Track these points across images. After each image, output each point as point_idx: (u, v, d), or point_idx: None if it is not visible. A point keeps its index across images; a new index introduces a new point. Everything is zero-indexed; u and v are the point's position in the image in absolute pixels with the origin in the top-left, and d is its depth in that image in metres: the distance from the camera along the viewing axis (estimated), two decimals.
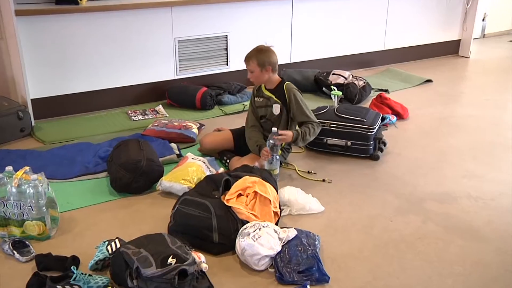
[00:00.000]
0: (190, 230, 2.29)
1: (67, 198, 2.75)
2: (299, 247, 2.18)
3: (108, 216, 2.61)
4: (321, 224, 2.54)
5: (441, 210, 2.68)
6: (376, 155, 3.25)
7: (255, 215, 2.35)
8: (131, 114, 4.00)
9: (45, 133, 3.62)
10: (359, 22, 5.17)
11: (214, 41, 4.43)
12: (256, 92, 3.11)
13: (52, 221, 2.42)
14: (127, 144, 2.96)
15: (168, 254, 1.93)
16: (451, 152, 3.40)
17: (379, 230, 2.49)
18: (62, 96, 3.92)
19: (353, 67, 5.25)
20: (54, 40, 3.76)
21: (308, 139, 2.96)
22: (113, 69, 4.05)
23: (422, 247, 2.35)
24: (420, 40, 5.68)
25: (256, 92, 3.11)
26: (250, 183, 2.44)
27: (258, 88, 3.12)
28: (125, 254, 1.97)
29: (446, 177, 3.05)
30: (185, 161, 2.95)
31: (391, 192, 2.86)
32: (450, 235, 2.45)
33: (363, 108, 3.52)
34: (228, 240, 2.27)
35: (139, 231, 2.38)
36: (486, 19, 6.70)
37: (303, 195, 2.69)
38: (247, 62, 2.97)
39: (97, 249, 2.17)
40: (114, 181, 2.78)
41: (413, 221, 2.57)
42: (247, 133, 3.10)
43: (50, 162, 3.13)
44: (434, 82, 4.93)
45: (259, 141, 2.99)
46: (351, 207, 2.70)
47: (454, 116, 4.08)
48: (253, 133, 3.07)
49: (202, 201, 2.33)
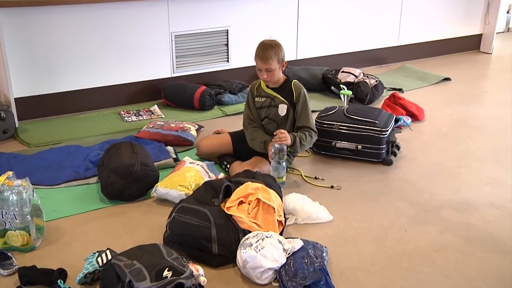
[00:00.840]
0: (188, 241, 2.29)
1: (53, 205, 2.76)
2: (306, 259, 2.18)
3: (99, 225, 2.61)
4: (329, 234, 2.54)
5: (460, 219, 2.67)
6: (389, 160, 3.25)
7: (257, 224, 2.35)
8: (124, 115, 4.01)
9: (30, 135, 3.63)
10: (371, 15, 5.18)
11: (213, 36, 4.44)
12: (256, 92, 3.08)
13: (37, 230, 2.42)
14: (119, 147, 2.97)
15: (163, 266, 1.93)
16: (471, 157, 3.39)
17: (392, 241, 2.49)
18: (48, 95, 3.93)
19: (364, 64, 5.25)
20: (39, 34, 3.77)
21: (303, 147, 2.97)
22: (104, 66, 4.06)
23: (439, 261, 2.35)
24: (437, 35, 5.69)
25: (256, 92, 3.08)
26: (252, 190, 2.44)
27: (257, 87, 3.08)
28: (116, 266, 1.97)
29: (466, 183, 3.05)
30: (182, 165, 2.96)
31: (406, 200, 2.86)
32: (471, 247, 2.44)
33: (375, 108, 3.52)
34: (229, 251, 2.27)
35: (132, 242, 2.38)
36: (511, 11, 6.69)
37: (310, 202, 2.69)
38: (266, 62, 2.88)
39: (86, 261, 2.18)
40: (105, 187, 2.79)
41: (429, 232, 2.56)
42: (249, 135, 3.08)
43: (36, 167, 3.14)
44: (452, 81, 4.93)
45: (264, 138, 2.97)
46: (361, 216, 2.70)
47: (474, 117, 4.08)
48: (255, 133, 3.05)
49: (200, 209, 2.34)
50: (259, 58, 2.91)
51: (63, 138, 3.60)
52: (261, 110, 3.05)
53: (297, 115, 3.00)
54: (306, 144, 2.97)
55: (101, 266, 2.11)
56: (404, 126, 3.81)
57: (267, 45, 2.92)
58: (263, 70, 2.92)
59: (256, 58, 2.94)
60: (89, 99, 4.08)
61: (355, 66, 4.69)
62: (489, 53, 5.90)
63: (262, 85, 3.06)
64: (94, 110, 4.11)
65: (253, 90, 3.09)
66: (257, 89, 3.08)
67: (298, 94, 2.99)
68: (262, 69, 2.92)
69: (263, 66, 2.91)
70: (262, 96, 3.05)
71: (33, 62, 3.81)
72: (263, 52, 2.89)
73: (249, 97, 3.11)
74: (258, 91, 3.07)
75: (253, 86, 3.11)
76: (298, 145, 2.93)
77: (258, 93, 3.07)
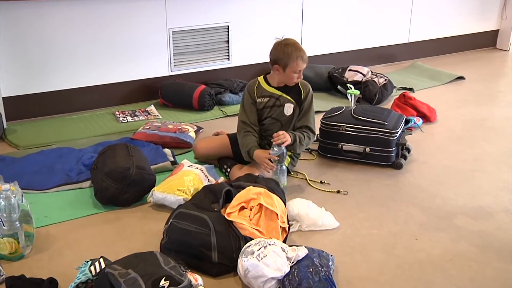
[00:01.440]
0: (186, 248, 2.30)
1: (44, 211, 2.76)
2: (310, 268, 2.19)
3: (92, 232, 2.61)
4: (336, 242, 2.54)
5: (475, 227, 2.67)
6: (398, 163, 3.25)
7: (260, 231, 2.36)
8: (118, 115, 4.02)
9: (19, 137, 3.64)
10: (380, 9, 5.19)
11: (213, 32, 4.45)
12: (257, 93, 3.02)
13: (26, 237, 2.42)
14: (114, 149, 2.97)
15: (160, 275, 1.93)
16: (486, 160, 3.39)
17: (402, 249, 2.49)
18: (39, 94, 3.94)
19: (372, 62, 5.26)
20: (30, 31, 3.79)
21: (302, 147, 2.97)
22: (98, 64, 4.08)
23: (453, 270, 2.34)
24: (450, 31, 5.69)
25: (257, 93, 3.02)
26: (254, 195, 2.45)
27: (257, 87, 3.02)
28: (110, 275, 1.97)
29: (481, 188, 3.05)
30: (180, 169, 2.97)
31: (416, 206, 2.86)
32: (486, 256, 2.44)
33: (384, 109, 3.53)
34: (229, 259, 2.28)
35: (127, 249, 2.38)
36: None
37: (315, 208, 2.69)
38: (305, 62, 2.88)
39: (78, 270, 2.18)
40: (99, 192, 2.80)
41: (442, 240, 2.56)
42: (239, 141, 3.02)
43: (25, 170, 3.14)
44: (466, 79, 4.93)
45: (248, 146, 2.93)
46: (370, 222, 2.71)
47: (490, 118, 4.08)
48: (244, 139, 2.98)
49: (199, 215, 2.34)
50: (301, 60, 2.87)
51: (54, 140, 3.60)
52: (263, 110, 3.04)
53: (300, 114, 3.00)
54: (304, 145, 2.98)
55: (94, 275, 2.11)
56: (415, 127, 3.81)
57: (299, 44, 2.90)
58: (298, 72, 2.91)
59: (296, 61, 2.86)
60: (82, 98, 4.09)
61: (363, 64, 4.70)
62: (506, 50, 5.90)
63: (262, 84, 3.03)
64: (87, 110, 4.12)
65: (253, 92, 3.02)
66: (258, 89, 3.03)
67: (307, 93, 2.99)
68: (300, 71, 2.91)
69: (303, 67, 2.90)
70: (265, 96, 3.03)
71: (23, 59, 3.82)
72: (303, 53, 2.88)
73: (247, 99, 3.03)
74: (259, 92, 3.02)
75: (252, 87, 3.04)
76: (298, 145, 2.92)
77: (259, 93, 3.02)
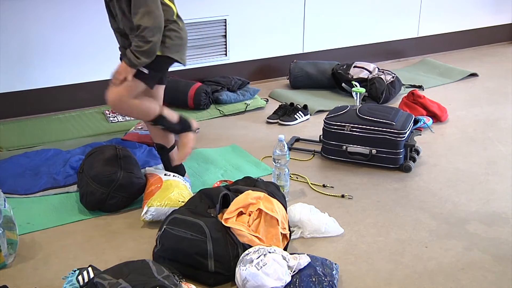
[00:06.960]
0: (180, 256, 2.30)
1: (28, 217, 2.76)
2: (313, 277, 2.19)
3: (79, 239, 2.61)
4: (340, 249, 2.54)
5: (489, 234, 2.67)
6: (407, 166, 3.25)
7: (259, 238, 2.36)
8: (109, 115, 4.02)
9: (1, 138, 3.64)
10: (388, 2, 5.19)
11: (210, 26, 4.45)
12: None
13: (8, 245, 2.42)
14: (102, 151, 2.96)
15: (153, 285, 1.93)
16: (501, 163, 3.39)
17: (411, 258, 2.49)
18: (23, 92, 3.94)
19: (379, 58, 5.27)
20: (13, 23, 3.78)
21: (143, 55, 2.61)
22: (87, 60, 4.07)
23: (465, 280, 2.34)
24: (463, 25, 5.69)
25: None
26: (253, 199, 2.45)
27: None
28: (100, 285, 1.97)
29: (495, 193, 3.05)
30: (156, 178, 2.83)
31: (426, 212, 2.86)
32: (501, 265, 2.44)
33: (392, 108, 3.53)
34: (226, 268, 2.28)
35: (118, 258, 2.38)
36: None
37: (318, 214, 2.69)
38: None
39: (65, 280, 2.17)
40: (85, 196, 2.79)
41: (453, 248, 2.56)
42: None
43: (8, 173, 3.14)
44: (480, 77, 4.93)
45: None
46: (376, 229, 2.70)
47: (504, 118, 4.08)
48: None
49: (195, 221, 2.34)
50: None
51: (39, 141, 3.60)
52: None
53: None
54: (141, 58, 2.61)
55: (82, 285, 2.11)
56: (425, 128, 3.81)
57: None
58: None
59: None
60: (69, 96, 4.09)
61: (369, 61, 4.70)
62: None
63: None
64: (76, 109, 4.12)
65: None
66: None
67: None
68: None
69: None
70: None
71: (6, 55, 3.81)
72: None
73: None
74: None
75: None
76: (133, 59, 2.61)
77: None
